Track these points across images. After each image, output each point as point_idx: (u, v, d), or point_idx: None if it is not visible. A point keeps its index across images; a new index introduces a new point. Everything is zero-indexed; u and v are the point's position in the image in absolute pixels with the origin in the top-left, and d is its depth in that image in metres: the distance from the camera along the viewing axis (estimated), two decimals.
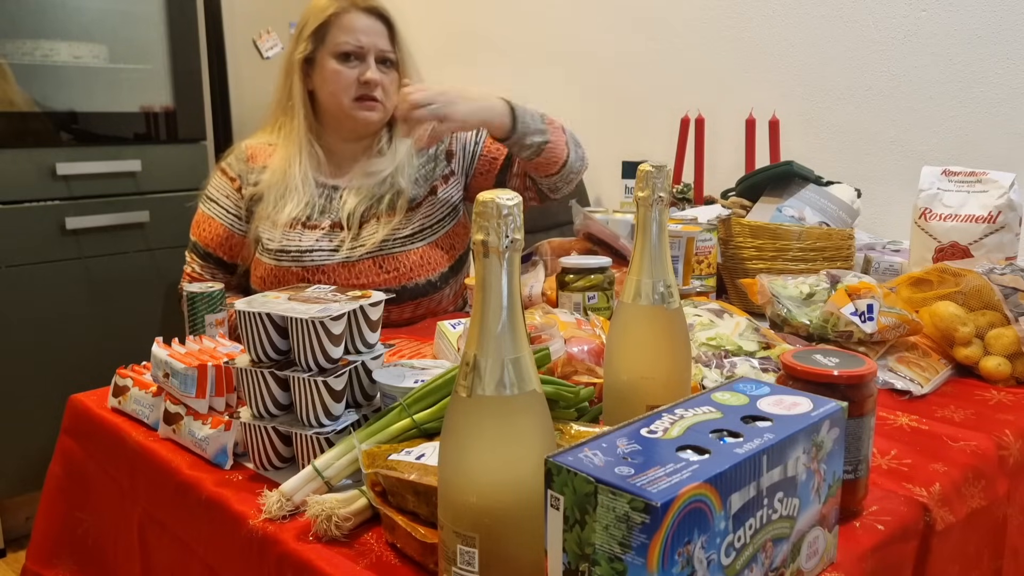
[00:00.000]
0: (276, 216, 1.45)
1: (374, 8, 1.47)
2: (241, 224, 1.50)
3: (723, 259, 1.57)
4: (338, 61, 1.44)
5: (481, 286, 0.60)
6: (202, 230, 1.51)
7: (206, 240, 1.51)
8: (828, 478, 0.67)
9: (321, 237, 1.45)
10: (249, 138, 1.56)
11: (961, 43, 1.89)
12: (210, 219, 1.51)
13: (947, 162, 1.88)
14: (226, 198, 1.50)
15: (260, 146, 1.53)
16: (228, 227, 1.50)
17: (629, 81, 2.54)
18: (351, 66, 1.45)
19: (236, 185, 1.50)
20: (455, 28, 2.97)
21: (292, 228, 1.45)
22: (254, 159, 1.51)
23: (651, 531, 0.52)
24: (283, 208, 1.44)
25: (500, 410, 0.60)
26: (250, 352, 0.90)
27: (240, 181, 1.50)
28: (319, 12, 1.45)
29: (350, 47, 1.44)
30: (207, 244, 1.51)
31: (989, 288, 1.20)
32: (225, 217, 1.50)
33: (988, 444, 0.95)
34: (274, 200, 1.45)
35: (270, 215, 1.45)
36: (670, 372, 0.83)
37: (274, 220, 1.45)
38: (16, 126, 2.12)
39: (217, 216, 1.50)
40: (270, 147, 1.51)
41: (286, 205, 1.45)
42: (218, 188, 1.52)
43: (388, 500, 0.76)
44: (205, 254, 1.51)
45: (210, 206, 1.52)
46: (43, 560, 1.12)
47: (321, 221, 1.46)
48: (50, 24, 2.16)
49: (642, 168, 0.81)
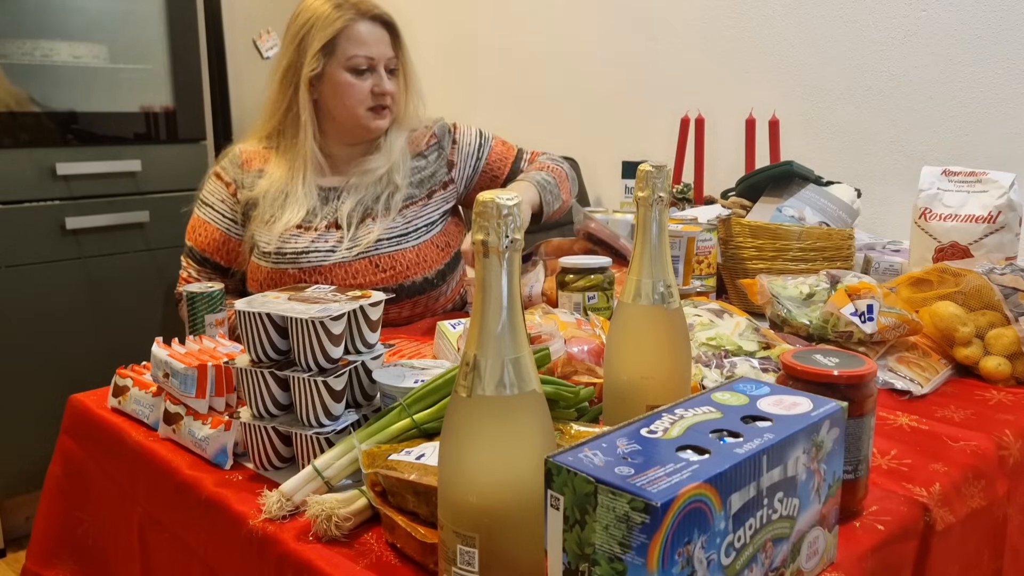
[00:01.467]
0: (273, 223, 1.45)
1: (379, 15, 1.46)
2: (237, 228, 1.50)
3: (723, 259, 1.57)
4: (351, 75, 1.44)
5: (481, 286, 0.60)
6: (198, 235, 1.51)
7: (202, 245, 1.51)
8: (828, 478, 0.67)
9: (317, 238, 1.45)
10: (242, 142, 1.55)
11: (961, 43, 1.89)
12: (206, 224, 1.51)
13: (947, 162, 1.88)
14: (221, 202, 1.50)
15: (255, 150, 1.52)
16: (224, 232, 1.50)
17: (629, 81, 2.54)
18: (363, 79, 1.45)
19: (231, 190, 1.50)
20: (455, 29, 2.97)
21: (288, 230, 1.45)
22: (249, 164, 1.51)
23: (651, 531, 0.52)
24: (281, 216, 1.45)
25: (500, 410, 0.60)
26: (250, 352, 0.90)
27: (235, 185, 1.50)
28: (325, 25, 1.42)
29: (362, 61, 1.43)
30: (204, 249, 1.51)
31: (989, 288, 1.19)
32: (221, 222, 1.50)
33: (988, 444, 0.95)
34: (272, 207, 1.45)
35: (267, 221, 1.45)
36: (670, 372, 0.83)
37: (271, 226, 1.45)
38: (16, 126, 2.12)
39: (213, 221, 1.50)
40: (265, 151, 1.51)
41: (284, 213, 1.45)
42: (213, 193, 1.52)
43: (388, 500, 0.76)
44: (202, 259, 1.51)
45: (205, 211, 1.51)
46: (43, 560, 1.12)
47: (317, 223, 1.46)
48: (50, 24, 2.16)
49: (642, 168, 0.81)
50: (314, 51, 1.42)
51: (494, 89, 2.93)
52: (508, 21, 2.85)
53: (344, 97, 1.45)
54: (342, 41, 1.42)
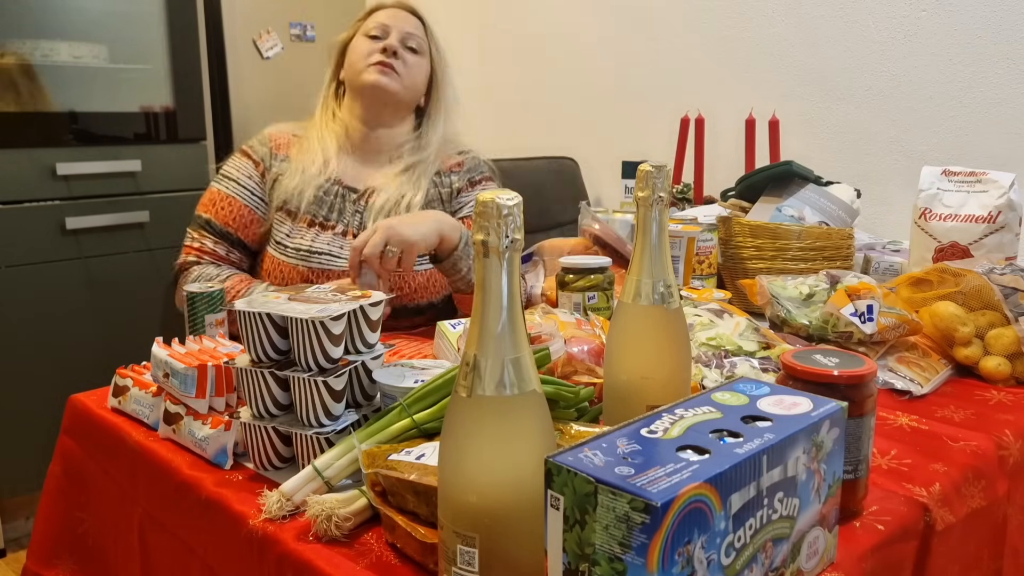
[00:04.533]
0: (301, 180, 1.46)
1: (408, 5, 1.57)
2: (263, 208, 1.49)
3: (723, 259, 1.57)
4: (365, 38, 1.51)
5: (481, 286, 0.60)
6: (219, 208, 1.48)
7: (224, 218, 1.47)
8: (828, 478, 0.67)
9: (332, 240, 1.44)
10: (272, 126, 1.57)
11: (961, 43, 1.89)
12: (231, 198, 1.48)
13: (947, 162, 1.89)
14: (248, 178, 1.49)
15: (284, 135, 1.54)
16: (252, 209, 1.48)
17: (629, 81, 2.54)
18: (375, 42, 1.51)
19: (260, 169, 1.50)
20: (453, 31, 2.97)
21: (307, 225, 1.45)
22: (278, 147, 1.52)
23: (651, 531, 0.52)
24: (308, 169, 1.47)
25: (500, 410, 0.60)
26: (250, 352, 0.90)
27: (263, 165, 1.50)
28: (370, 8, 1.57)
29: (376, 28, 1.51)
30: (225, 223, 1.47)
31: (989, 288, 1.19)
32: (250, 199, 1.49)
33: (988, 444, 0.95)
34: (298, 170, 1.48)
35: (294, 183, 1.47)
36: (670, 372, 0.83)
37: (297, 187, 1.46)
38: (16, 126, 2.12)
39: (239, 196, 1.48)
40: (295, 137, 1.53)
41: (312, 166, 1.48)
42: (239, 168, 1.51)
43: (388, 500, 0.76)
44: (223, 232, 1.48)
45: (229, 185, 1.49)
46: (43, 560, 1.12)
47: (335, 223, 1.46)
48: (50, 24, 2.16)
49: (642, 168, 0.81)
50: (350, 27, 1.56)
51: (494, 89, 2.93)
52: (508, 21, 2.85)
53: (352, 55, 1.52)
54: (372, 16, 1.55)
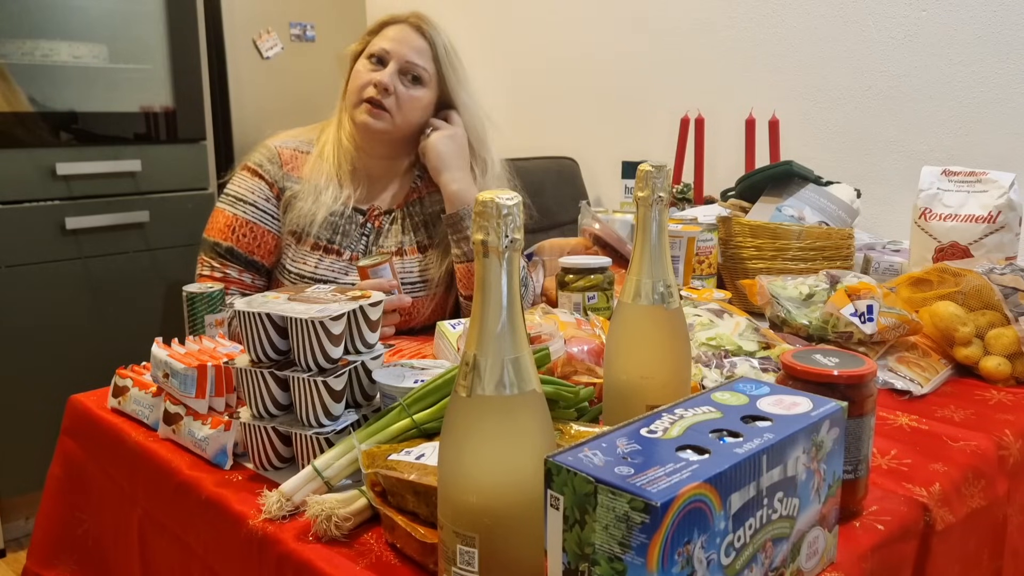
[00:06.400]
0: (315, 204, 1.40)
1: (419, 26, 1.44)
2: (282, 232, 1.44)
3: (723, 259, 1.57)
4: (366, 60, 1.42)
5: (481, 286, 0.60)
6: (239, 235, 1.41)
7: (247, 246, 1.41)
8: (828, 478, 0.67)
9: (334, 265, 1.42)
10: (275, 138, 1.49)
11: (961, 43, 1.89)
12: (251, 224, 1.41)
13: (947, 162, 1.89)
14: (266, 201, 1.42)
15: (291, 151, 1.45)
16: (273, 232, 1.42)
17: (629, 81, 2.54)
18: (373, 68, 1.41)
19: (275, 191, 1.43)
20: (453, 32, 2.97)
21: (311, 249, 1.41)
22: (289, 167, 1.44)
23: (651, 531, 0.52)
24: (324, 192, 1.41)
25: (500, 410, 0.60)
26: (250, 352, 0.90)
27: (278, 187, 1.43)
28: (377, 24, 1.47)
29: (377, 50, 1.41)
30: (249, 250, 1.41)
31: (989, 288, 1.19)
32: (272, 223, 1.42)
33: (988, 444, 0.95)
34: (311, 192, 1.41)
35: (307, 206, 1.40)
36: (670, 372, 0.83)
37: (311, 211, 1.40)
38: (16, 126, 2.12)
39: (260, 221, 1.41)
40: (302, 154, 1.45)
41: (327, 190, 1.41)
42: (253, 191, 1.42)
43: (388, 500, 0.76)
44: (248, 261, 1.41)
45: (247, 209, 1.41)
46: (43, 560, 1.12)
47: (342, 249, 1.42)
48: (50, 24, 2.16)
49: (642, 168, 0.81)
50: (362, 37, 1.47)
51: (494, 89, 2.93)
52: (508, 22, 2.85)
53: (352, 80, 1.43)
54: (380, 33, 1.44)
